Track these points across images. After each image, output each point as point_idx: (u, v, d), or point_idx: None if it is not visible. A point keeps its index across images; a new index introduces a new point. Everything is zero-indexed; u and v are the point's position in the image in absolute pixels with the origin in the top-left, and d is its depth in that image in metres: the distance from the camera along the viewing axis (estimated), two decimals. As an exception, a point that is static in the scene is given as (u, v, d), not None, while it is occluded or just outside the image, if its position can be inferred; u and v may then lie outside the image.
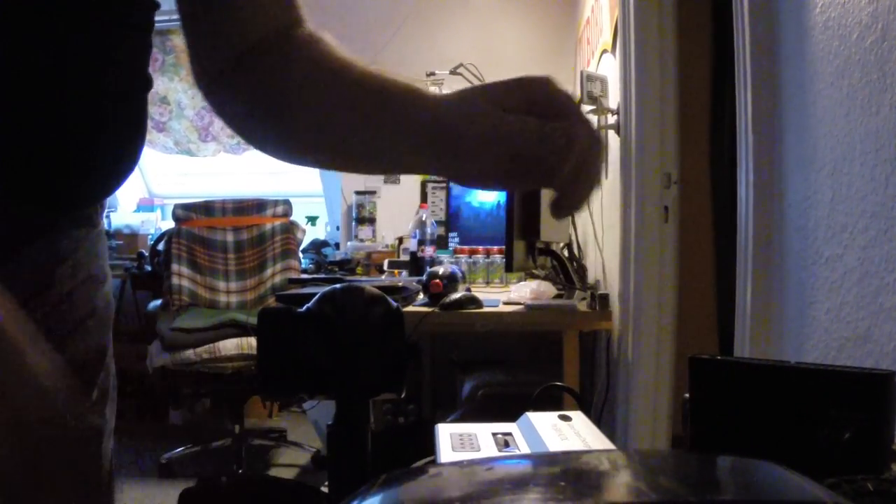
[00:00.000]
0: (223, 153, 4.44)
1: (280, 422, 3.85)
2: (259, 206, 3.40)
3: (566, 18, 3.67)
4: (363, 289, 0.62)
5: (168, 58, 4.20)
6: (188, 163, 4.63)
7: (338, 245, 3.92)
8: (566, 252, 2.87)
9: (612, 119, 2.36)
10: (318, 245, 3.87)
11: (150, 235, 4.15)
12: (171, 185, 4.85)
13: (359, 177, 3.87)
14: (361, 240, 3.73)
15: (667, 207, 2.10)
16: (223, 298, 3.33)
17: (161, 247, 3.47)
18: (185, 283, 3.24)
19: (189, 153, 4.46)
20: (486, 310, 2.21)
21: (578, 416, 0.72)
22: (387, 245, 3.65)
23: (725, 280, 2.64)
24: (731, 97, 1.45)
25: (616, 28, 2.29)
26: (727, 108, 2.59)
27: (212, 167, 4.67)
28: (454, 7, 3.77)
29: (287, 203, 3.47)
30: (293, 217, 3.48)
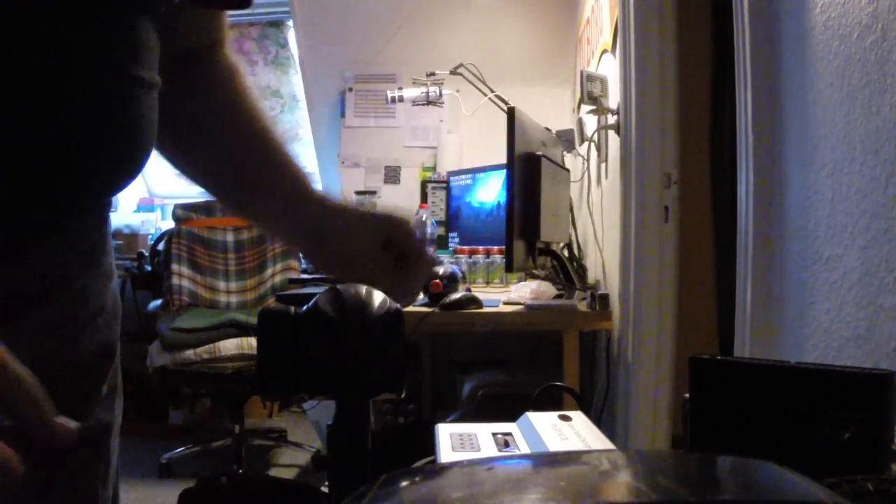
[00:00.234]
0: (223, 153, 4.43)
1: (280, 422, 3.85)
2: (259, 206, 3.40)
3: (566, 18, 3.67)
4: (363, 289, 0.62)
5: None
6: (188, 163, 4.62)
7: (338, 245, 3.92)
8: (566, 252, 2.87)
9: (612, 119, 2.36)
10: (319, 245, 3.86)
11: (150, 235, 4.14)
12: (171, 185, 4.84)
13: (359, 177, 3.87)
14: (361, 240, 3.72)
15: (667, 207, 2.10)
16: (223, 298, 3.33)
17: (161, 247, 3.47)
18: (185, 283, 3.24)
19: (189, 153, 4.45)
20: (486, 310, 2.20)
21: (578, 416, 0.72)
22: (387, 245, 3.65)
23: (725, 280, 2.64)
24: (731, 97, 1.45)
25: (616, 28, 2.29)
26: (727, 108, 2.59)
27: (212, 167, 4.66)
28: (454, 7, 3.77)
29: (287, 203, 3.46)
30: (293, 217, 3.48)
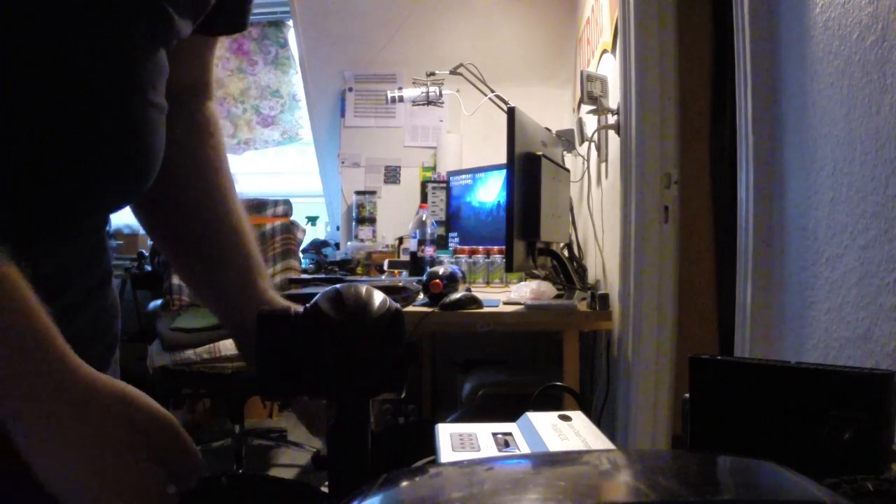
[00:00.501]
0: (223, 153, 4.43)
1: (280, 422, 3.85)
2: (259, 206, 3.40)
3: (566, 18, 3.67)
4: (363, 289, 0.62)
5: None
6: (188, 163, 4.62)
7: (338, 245, 3.92)
8: (566, 252, 2.87)
9: (612, 119, 2.36)
10: (319, 245, 3.86)
11: (151, 235, 4.14)
12: (171, 186, 4.84)
13: (359, 176, 3.87)
14: (361, 240, 3.73)
15: (667, 207, 2.10)
16: (223, 298, 3.32)
17: (161, 247, 3.47)
18: (185, 283, 3.23)
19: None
20: (486, 310, 2.20)
21: (578, 416, 0.72)
22: (387, 245, 3.65)
23: (725, 280, 2.64)
24: (731, 97, 1.44)
25: (616, 28, 2.29)
26: (727, 108, 2.59)
27: (212, 167, 4.66)
28: (454, 7, 3.77)
29: (287, 203, 3.46)
30: (293, 217, 3.48)
